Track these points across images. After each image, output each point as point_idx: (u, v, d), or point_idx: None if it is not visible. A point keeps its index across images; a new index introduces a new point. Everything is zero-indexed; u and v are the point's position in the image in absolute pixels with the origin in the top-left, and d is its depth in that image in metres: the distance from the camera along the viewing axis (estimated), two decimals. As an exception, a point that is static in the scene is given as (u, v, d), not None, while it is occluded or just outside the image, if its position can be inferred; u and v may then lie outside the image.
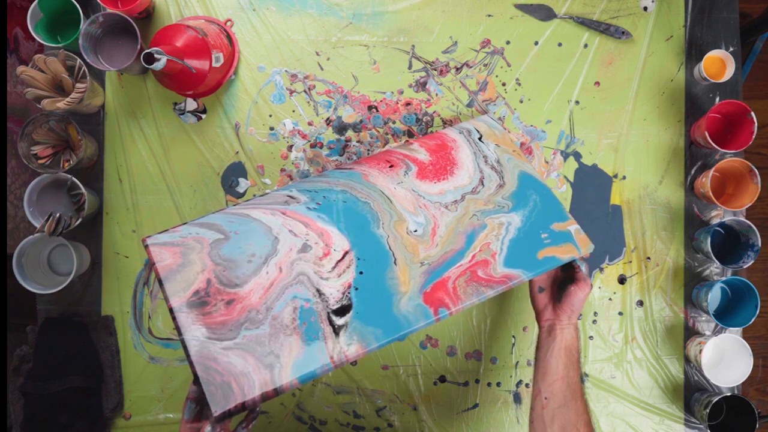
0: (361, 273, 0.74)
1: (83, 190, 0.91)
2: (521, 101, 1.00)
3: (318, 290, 0.72)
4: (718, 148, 0.94)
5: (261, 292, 0.72)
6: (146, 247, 0.74)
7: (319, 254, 0.75)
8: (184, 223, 0.77)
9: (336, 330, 0.70)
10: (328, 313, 0.71)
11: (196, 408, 0.71)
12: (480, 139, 0.87)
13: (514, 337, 0.99)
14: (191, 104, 0.99)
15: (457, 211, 0.81)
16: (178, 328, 0.69)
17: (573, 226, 0.81)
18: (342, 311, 0.71)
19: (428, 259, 0.76)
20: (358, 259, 0.75)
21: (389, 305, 0.72)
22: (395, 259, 0.76)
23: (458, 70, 1.00)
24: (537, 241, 0.80)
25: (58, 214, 0.90)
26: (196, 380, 0.66)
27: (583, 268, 0.81)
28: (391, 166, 0.83)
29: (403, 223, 0.79)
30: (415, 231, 0.78)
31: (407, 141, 0.85)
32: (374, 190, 0.81)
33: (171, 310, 0.70)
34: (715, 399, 0.92)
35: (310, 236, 0.76)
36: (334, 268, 0.74)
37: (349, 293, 0.73)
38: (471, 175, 0.84)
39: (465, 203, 0.81)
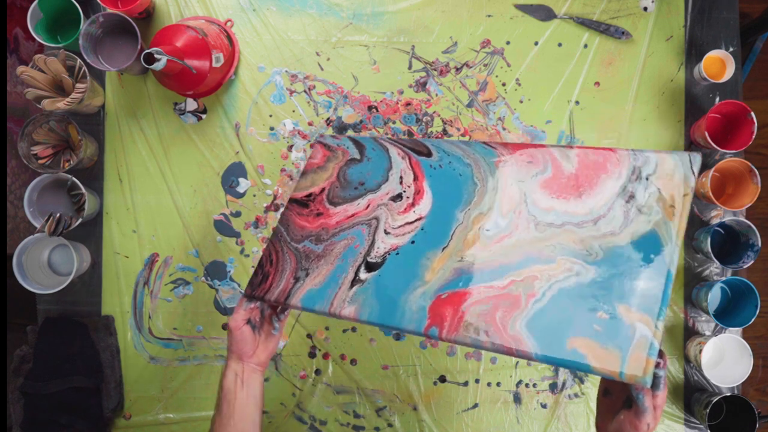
0: (412, 243, 0.73)
1: (83, 190, 0.91)
2: (521, 101, 1.00)
3: (374, 238, 0.74)
4: (718, 148, 0.94)
5: (341, 218, 0.77)
6: (317, 143, 0.84)
7: (401, 209, 0.76)
8: (347, 136, 0.84)
9: (354, 282, 0.71)
10: (362, 262, 0.72)
11: None
12: (648, 177, 0.68)
13: (514, 337, 0.99)
14: (191, 104, 0.99)
15: (543, 233, 0.68)
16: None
17: (643, 328, 0.57)
18: (372, 267, 0.72)
19: (470, 258, 0.69)
20: (422, 229, 0.73)
21: (404, 289, 0.69)
22: (446, 246, 0.71)
23: (458, 70, 1.00)
24: (586, 318, 0.60)
25: (58, 214, 0.90)
26: None
27: (643, 401, 0.58)
28: (530, 162, 0.74)
29: (483, 218, 0.71)
30: (488, 230, 0.70)
31: (572, 146, 0.74)
32: (493, 176, 0.74)
33: (289, 200, 0.81)
34: (715, 399, 0.92)
35: (409, 189, 0.77)
36: (400, 227, 0.74)
37: (388, 254, 0.72)
38: (595, 209, 0.68)
39: (558, 230, 0.68)
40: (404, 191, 0.77)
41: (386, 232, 0.74)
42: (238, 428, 0.71)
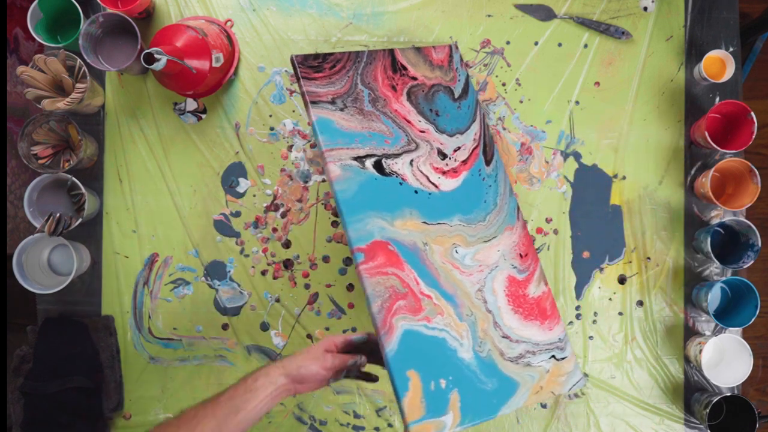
0: (415, 192, 0.80)
1: (83, 190, 0.91)
2: (521, 101, 1.00)
3: (401, 153, 0.81)
4: (718, 148, 0.94)
5: (400, 113, 0.83)
6: (449, 46, 0.91)
7: (435, 165, 0.83)
8: (468, 72, 0.92)
9: (358, 159, 0.77)
10: (379, 156, 0.79)
11: None
12: (553, 358, 0.82)
13: (514, 337, 0.99)
14: (191, 104, 0.99)
15: (476, 299, 0.79)
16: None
17: (450, 420, 0.69)
18: (378, 168, 0.78)
19: (429, 250, 0.78)
20: (429, 194, 0.81)
21: (378, 208, 0.76)
22: (426, 224, 0.79)
23: (458, 70, 1.00)
24: (435, 372, 0.71)
25: (58, 214, 0.90)
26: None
27: None
28: (521, 256, 0.85)
29: (463, 244, 0.81)
30: (456, 252, 0.80)
31: (547, 283, 0.87)
32: (495, 231, 0.85)
33: (390, 50, 0.86)
34: (715, 399, 0.92)
35: (453, 163, 0.85)
36: (420, 173, 0.82)
37: (395, 175, 0.79)
38: (511, 330, 0.80)
39: (483, 310, 0.79)
40: (449, 159, 0.84)
41: (411, 163, 0.81)
42: (232, 427, 0.66)
